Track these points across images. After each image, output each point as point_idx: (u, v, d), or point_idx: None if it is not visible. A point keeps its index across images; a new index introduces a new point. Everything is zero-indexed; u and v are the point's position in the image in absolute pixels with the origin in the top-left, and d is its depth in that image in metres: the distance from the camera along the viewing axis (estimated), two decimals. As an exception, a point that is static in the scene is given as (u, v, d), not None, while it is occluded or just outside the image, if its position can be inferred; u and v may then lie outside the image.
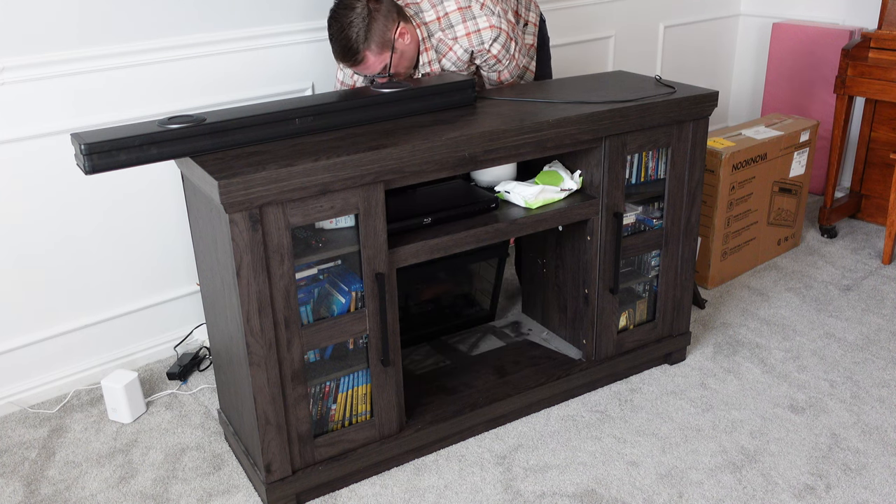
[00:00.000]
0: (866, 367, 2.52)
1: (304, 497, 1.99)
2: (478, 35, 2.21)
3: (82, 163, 1.64)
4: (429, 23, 2.23)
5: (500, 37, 2.23)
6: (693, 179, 2.32)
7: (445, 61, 2.27)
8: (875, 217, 3.59)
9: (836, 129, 3.35)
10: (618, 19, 3.71)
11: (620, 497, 2.00)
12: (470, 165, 1.96)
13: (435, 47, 2.24)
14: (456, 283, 2.57)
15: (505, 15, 2.25)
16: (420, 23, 2.22)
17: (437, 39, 2.23)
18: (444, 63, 2.28)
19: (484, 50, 2.24)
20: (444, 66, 2.29)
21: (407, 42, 2.18)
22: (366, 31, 2.10)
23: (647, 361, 2.50)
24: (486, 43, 2.22)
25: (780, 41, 3.92)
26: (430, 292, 2.53)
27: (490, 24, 2.20)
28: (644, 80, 2.39)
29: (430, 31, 2.23)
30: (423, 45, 2.23)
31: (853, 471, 2.07)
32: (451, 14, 2.21)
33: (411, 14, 2.23)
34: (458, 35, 2.21)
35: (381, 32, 2.12)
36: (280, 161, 1.69)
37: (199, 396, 2.46)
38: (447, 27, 2.22)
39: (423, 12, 2.23)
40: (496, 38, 2.22)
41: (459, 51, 2.24)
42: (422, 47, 2.24)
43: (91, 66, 2.30)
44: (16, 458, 2.21)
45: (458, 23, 2.21)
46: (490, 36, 2.21)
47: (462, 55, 2.25)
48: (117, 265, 2.52)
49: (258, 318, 1.75)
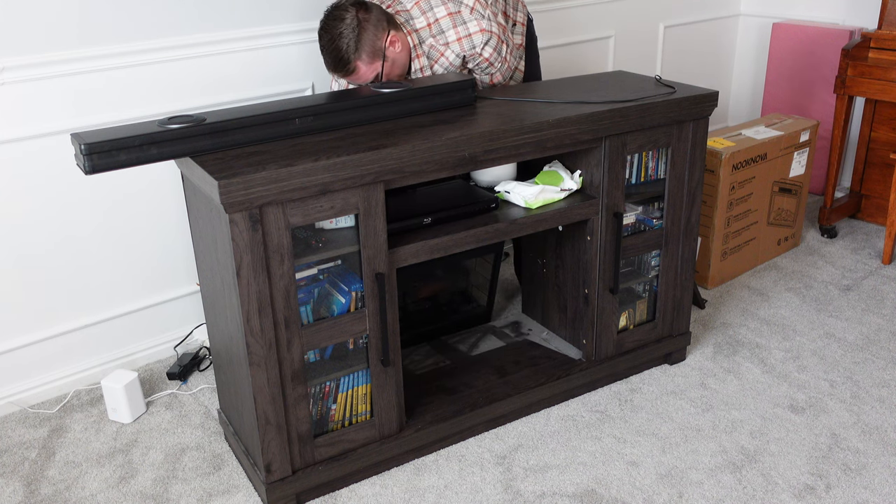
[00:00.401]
0: (866, 367, 2.52)
1: (304, 497, 1.99)
2: (469, 39, 2.22)
3: (82, 163, 1.64)
4: (419, 29, 2.23)
5: (492, 40, 2.24)
6: (693, 179, 2.32)
7: (437, 67, 2.28)
8: (875, 217, 3.60)
9: (836, 129, 3.35)
10: (618, 19, 3.71)
11: (620, 497, 2.00)
12: (470, 165, 1.96)
13: (427, 54, 2.25)
14: (452, 280, 2.57)
15: (495, 18, 2.26)
16: (411, 30, 2.23)
17: (428, 46, 2.23)
18: (435, 69, 2.29)
19: (476, 54, 2.25)
20: (436, 72, 2.29)
21: (398, 50, 2.18)
22: (356, 41, 2.10)
23: (647, 361, 2.50)
24: (477, 47, 2.23)
25: (780, 41, 3.92)
26: (426, 290, 2.53)
27: (481, 28, 2.21)
28: (644, 80, 2.39)
29: (422, 37, 2.24)
30: (414, 51, 2.24)
31: (853, 471, 2.07)
32: (442, 20, 2.22)
33: (402, 21, 2.23)
34: (450, 40, 2.22)
35: (372, 42, 2.12)
36: (280, 161, 1.69)
37: (199, 396, 2.46)
38: (438, 33, 2.22)
39: (414, 19, 2.24)
40: (487, 42, 2.23)
41: (451, 56, 2.24)
42: (413, 54, 2.25)
43: (91, 66, 2.30)
44: (16, 458, 2.21)
45: (448, 28, 2.21)
46: (481, 40, 2.22)
47: (454, 60, 2.26)
48: (117, 265, 2.52)
49: (258, 318, 1.75)
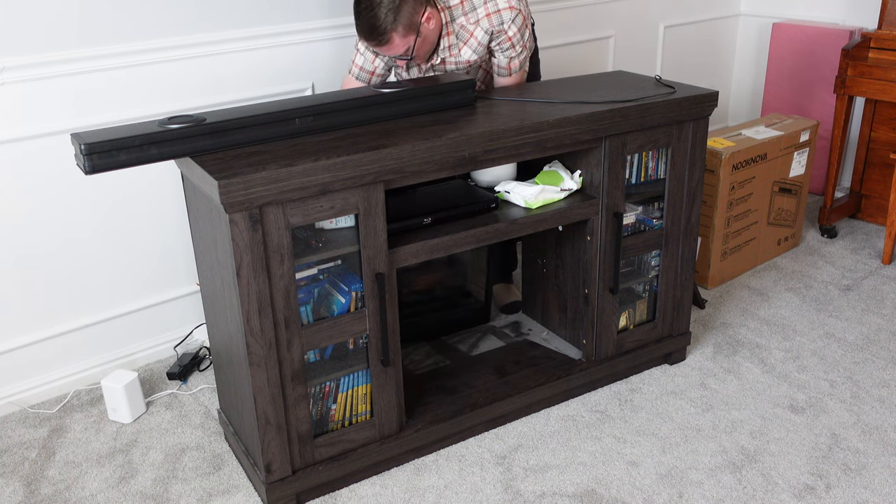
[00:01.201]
0: (866, 367, 2.52)
1: (304, 497, 1.99)
2: (498, 15, 2.26)
3: (82, 163, 1.64)
4: (452, 7, 2.28)
5: (518, 18, 2.28)
6: (693, 179, 2.32)
7: (466, 48, 2.31)
8: (875, 217, 3.60)
9: (836, 129, 3.35)
10: (618, 19, 3.71)
11: (620, 497, 2.00)
12: (470, 165, 1.96)
13: (456, 33, 2.29)
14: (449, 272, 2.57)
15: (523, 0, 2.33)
16: (444, 6, 2.27)
17: (458, 25, 2.27)
18: (463, 50, 2.32)
19: (502, 31, 2.29)
20: (464, 53, 2.32)
21: (431, 27, 2.21)
22: (395, 13, 2.11)
23: (647, 361, 2.50)
24: (505, 23, 2.27)
25: (780, 41, 3.92)
26: (422, 282, 2.53)
27: (510, 6, 2.26)
28: (644, 80, 2.39)
29: (453, 15, 2.28)
30: (445, 29, 2.28)
31: (853, 471, 2.07)
32: None
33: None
34: (480, 17, 2.27)
35: (410, 15, 2.14)
36: (280, 161, 1.69)
37: (199, 396, 2.46)
38: (470, 10, 2.27)
39: None
40: (514, 20, 2.28)
41: (480, 34, 2.28)
42: (443, 31, 2.28)
43: (91, 66, 2.30)
44: (16, 458, 2.21)
45: (480, 5, 2.27)
46: (509, 16, 2.26)
47: (482, 39, 2.29)
48: (117, 265, 2.52)
49: (258, 318, 1.75)
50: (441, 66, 2.36)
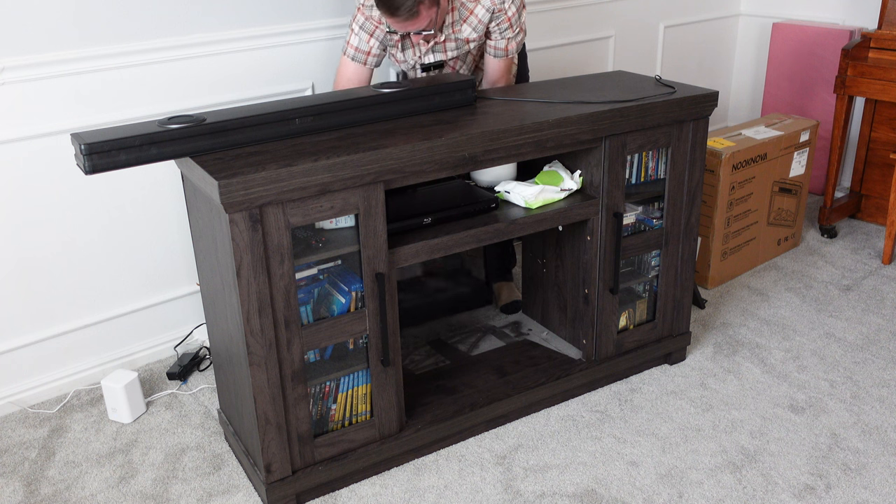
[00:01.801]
0: (866, 367, 2.52)
1: (304, 497, 1.99)
2: None
3: (82, 163, 1.64)
4: None
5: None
6: (693, 179, 2.32)
7: (466, 25, 2.32)
8: (875, 217, 3.60)
9: (836, 129, 3.35)
10: (618, 19, 3.72)
11: (620, 497, 2.00)
12: (470, 165, 1.96)
13: (458, 9, 2.30)
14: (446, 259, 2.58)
15: None
16: None
17: (459, 2, 2.29)
18: (464, 27, 2.32)
19: (503, 10, 2.30)
20: (464, 30, 2.33)
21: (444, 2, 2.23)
22: None
23: (647, 361, 2.50)
24: (506, 2, 2.29)
25: (780, 41, 3.92)
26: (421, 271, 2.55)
27: None
28: (644, 80, 2.39)
29: None
30: (450, 4, 2.29)
31: (853, 471, 2.07)
32: None
33: None
34: None
35: None
36: (280, 161, 1.69)
37: (199, 396, 2.46)
38: None
39: None
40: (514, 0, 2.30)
41: (481, 12, 2.29)
42: (448, 6, 2.29)
43: (91, 66, 2.30)
44: (16, 458, 2.21)
45: None
46: None
47: (483, 17, 2.30)
48: (117, 265, 2.52)
49: (258, 318, 1.75)
50: (441, 45, 2.35)
